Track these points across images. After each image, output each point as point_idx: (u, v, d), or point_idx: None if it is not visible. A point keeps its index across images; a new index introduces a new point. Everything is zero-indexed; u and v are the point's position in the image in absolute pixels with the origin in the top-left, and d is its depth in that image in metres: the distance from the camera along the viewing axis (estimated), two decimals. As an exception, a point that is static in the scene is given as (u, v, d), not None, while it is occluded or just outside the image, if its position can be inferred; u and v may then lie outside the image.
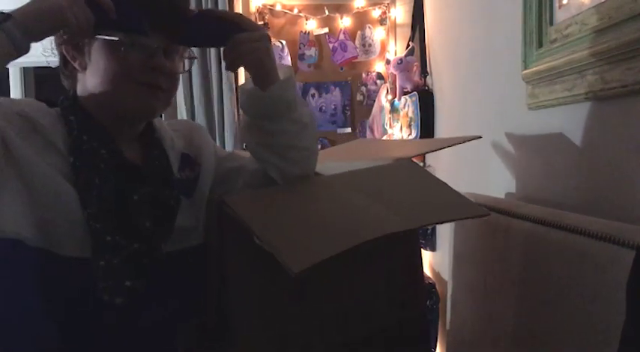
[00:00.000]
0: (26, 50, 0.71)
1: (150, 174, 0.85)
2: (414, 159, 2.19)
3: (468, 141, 1.22)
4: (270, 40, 0.89)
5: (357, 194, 0.86)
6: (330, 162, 1.14)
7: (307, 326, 0.87)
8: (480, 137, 1.24)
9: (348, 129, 2.48)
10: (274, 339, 0.86)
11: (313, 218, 0.81)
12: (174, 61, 0.86)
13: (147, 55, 0.81)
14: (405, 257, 0.97)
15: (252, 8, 2.44)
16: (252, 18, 2.44)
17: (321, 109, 2.48)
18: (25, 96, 2.86)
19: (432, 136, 2.06)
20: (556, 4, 1.09)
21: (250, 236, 0.75)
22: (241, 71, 2.37)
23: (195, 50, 0.96)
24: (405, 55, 2.16)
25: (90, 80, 0.83)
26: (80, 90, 0.86)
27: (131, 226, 0.79)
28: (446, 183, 1.01)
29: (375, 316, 0.93)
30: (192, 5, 2.29)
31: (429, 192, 0.94)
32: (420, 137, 2.05)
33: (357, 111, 2.50)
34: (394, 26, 2.48)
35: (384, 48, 2.47)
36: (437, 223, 0.85)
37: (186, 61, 0.91)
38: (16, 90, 2.83)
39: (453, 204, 0.91)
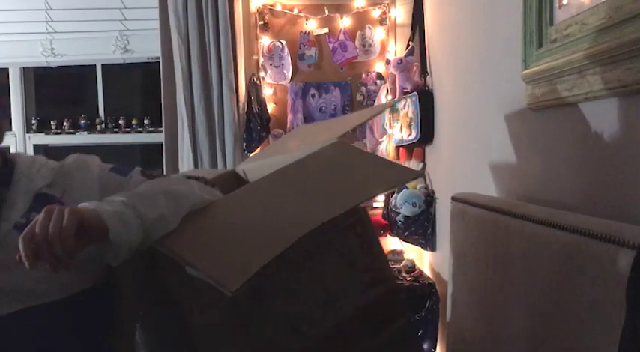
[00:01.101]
0: None
1: None
2: (415, 159, 2.20)
3: (390, 105, 1.24)
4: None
5: (285, 191, 0.85)
6: (264, 159, 1.15)
7: (278, 326, 0.86)
8: (401, 100, 1.24)
9: (348, 130, 2.48)
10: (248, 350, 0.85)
11: (240, 229, 0.77)
12: None
13: None
14: (360, 236, 0.97)
15: (252, 8, 2.44)
16: (252, 18, 2.44)
17: (321, 109, 2.48)
18: (25, 96, 2.86)
19: (432, 136, 2.07)
20: (556, 4, 1.09)
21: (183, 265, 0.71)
22: (241, 71, 2.37)
23: (193, 50, 0.94)
24: (405, 55, 2.16)
25: None
26: None
27: None
28: (376, 155, 1.02)
29: (348, 299, 0.93)
30: (193, 6, 2.29)
31: (359, 170, 0.92)
32: (421, 137, 2.05)
33: (357, 111, 2.50)
34: (394, 26, 2.48)
35: (384, 48, 2.47)
36: (367, 199, 0.83)
37: None
38: (16, 90, 2.83)
39: (383, 176, 0.90)
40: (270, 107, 2.45)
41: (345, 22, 2.44)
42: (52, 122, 2.84)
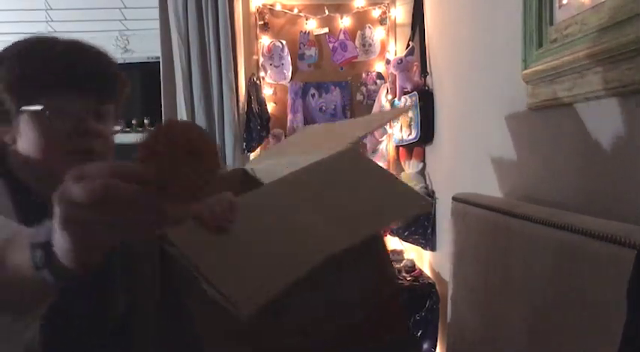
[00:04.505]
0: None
1: None
2: (415, 159, 2.20)
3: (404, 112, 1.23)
4: None
5: (300, 205, 0.85)
6: (277, 158, 1.16)
7: (289, 333, 0.87)
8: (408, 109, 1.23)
9: (348, 129, 2.48)
10: None
11: (256, 247, 0.77)
12: (107, 122, 0.82)
13: (75, 121, 0.77)
14: (374, 258, 0.98)
15: (252, 8, 2.44)
16: (252, 18, 2.44)
17: (321, 109, 2.48)
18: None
19: (432, 136, 2.07)
20: (556, 4, 1.09)
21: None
22: (241, 71, 2.37)
23: (193, 50, 0.94)
24: (405, 55, 2.16)
25: (22, 152, 0.79)
26: (13, 160, 0.81)
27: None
28: (389, 173, 1.02)
29: (357, 308, 0.95)
30: (193, 6, 2.30)
31: (373, 189, 0.93)
32: (421, 137, 2.05)
33: (357, 111, 2.50)
34: (394, 26, 2.48)
35: (384, 48, 2.47)
36: (382, 227, 0.85)
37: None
38: (16, 91, 2.83)
39: (398, 204, 0.91)
40: (270, 107, 2.45)
41: (345, 22, 2.44)
42: (52, 122, 2.84)
